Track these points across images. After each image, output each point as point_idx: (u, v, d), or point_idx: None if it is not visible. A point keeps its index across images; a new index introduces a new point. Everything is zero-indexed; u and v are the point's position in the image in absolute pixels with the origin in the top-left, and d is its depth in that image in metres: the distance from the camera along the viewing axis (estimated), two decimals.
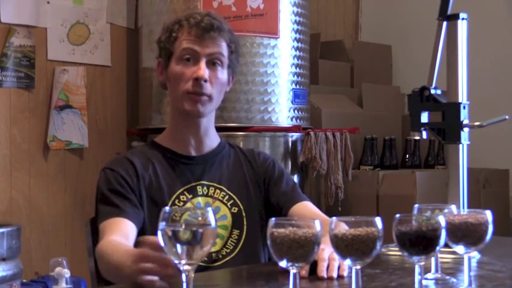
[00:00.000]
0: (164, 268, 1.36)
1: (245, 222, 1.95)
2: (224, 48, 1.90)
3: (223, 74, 1.91)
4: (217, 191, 1.95)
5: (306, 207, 1.96)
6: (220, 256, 1.90)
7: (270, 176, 2.01)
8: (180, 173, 1.93)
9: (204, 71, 1.86)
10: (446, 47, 1.91)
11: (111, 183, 1.87)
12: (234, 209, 1.95)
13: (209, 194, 1.94)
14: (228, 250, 1.91)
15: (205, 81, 1.86)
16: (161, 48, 1.95)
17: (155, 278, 1.38)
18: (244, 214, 1.95)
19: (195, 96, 1.87)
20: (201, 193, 1.93)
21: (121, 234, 1.75)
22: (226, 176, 1.97)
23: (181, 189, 1.92)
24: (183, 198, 1.91)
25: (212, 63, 1.89)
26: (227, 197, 1.95)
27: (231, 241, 1.92)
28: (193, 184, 1.93)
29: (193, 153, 1.96)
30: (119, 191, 1.86)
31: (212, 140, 1.99)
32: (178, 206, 1.89)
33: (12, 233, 2.72)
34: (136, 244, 1.76)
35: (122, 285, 1.60)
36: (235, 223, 1.94)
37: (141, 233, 1.84)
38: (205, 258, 1.85)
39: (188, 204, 1.90)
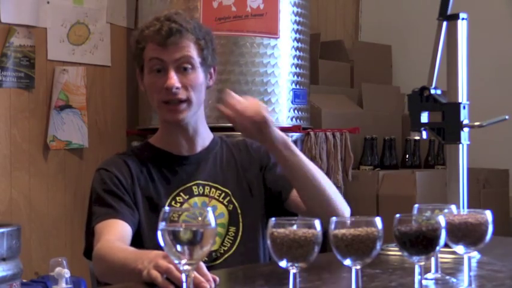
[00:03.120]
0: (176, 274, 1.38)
1: (241, 219, 1.94)
2: (191, 49, 1.86)
3: (196, 74, 1.87)
4: (213, 189, 1.94)
5: None
6: (219, 254, 1.91)
7: (266, 162, 2.00)
8: (175, 174, 1.93)
9: (173, 79, 1.83)
10: (446, 47, 1.91)
11: (106, 184, 1.87)
12: (230, 206, 1.94)
13: (205, 193, 1.93)
14: (226, 248, 1.91)
15: (178, 88, 1.83)
16: (134, 59, 1.95)
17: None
18: (239, 211, 1.95)
19: (172, 105, 1.85)
20: (197, 193, 1.93)
21: (118, 235, 1.75)
22: (220, 173, 1.97)
23: (177, 191, 1.91)
24: (179, 199, 1.91)
25: (183, 69, 1.86)
26: (223, 194, 1.95)
27: (228, 239, 1.92)
28: (188, 185, 1.93)
29: (186, 153, 1.95)
30: (114, 191, 1.85)
31: (204, 138, 1.98)
32: (176, 207, 1.88)
33: (12, 233, 2.72)
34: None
35: (122, 285, 1.60)
36: (231, 220, 1.93)
37: (138, 234, 1.84)
38: (206, 258, 1.86)
39: (185, 205, 1.90)
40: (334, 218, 1.26)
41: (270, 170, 1.99)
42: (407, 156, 4.32)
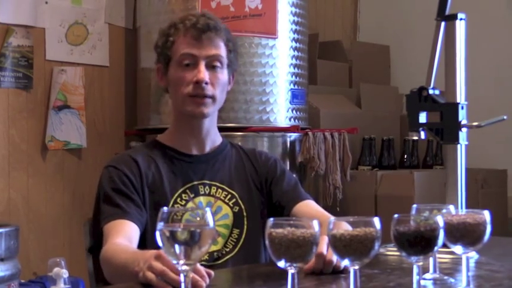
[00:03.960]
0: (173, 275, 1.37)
1: (245, 222, 1.95)
2: (222, 49, 1.90)
3: (223, 74, 1.91)
4: (219, 190, 1.95)
5: (309, 206, 1.96)
6: (221, 255, 1.91)
7: (272, 176, 2.01)
8: (182, 172, 1.93)
9: (203, 73, 1.86)
10: (445, 47, 1.91)
11: (115, 182, 1.86)
12: (236, 208, 1.95)
13: (211, 193, 1.94)
14: (228, 249, 1.92)
15: (206, 83, 1.86)
16: (159, 53, 1.95)
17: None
18: (245, 214, 1.95)
19: (198, 98, 1.87)
20: (202, 192, 1.93)
21: (125, 236, 1.75)
22: (228, 175, 1.98)
23: (183, 188, 1.92)
24: (185, 197, 1.91)
25: (212, 66, 1.89)
26: (229, 196, 1.95)
27: (231, 240, 1.93)
28: (195, 183, 1.93)
29: (195, 152, 1.96)
30: (123, 190, 1.85)
31: (214, 140, 2.00)
32: (180, 205, 1.89)
33: (11, 233, 2.71)
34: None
35: (122, 285, 1.60)
36: (236, 222, 1.94)
37: (143, 232, 1.84)
38: (207, 258, 1.86)
39: (190, 204, 1.90)
40: (332, 219, 1.26)
41: (277, 184, 2.00)
42: (405, 156, 4.32)
